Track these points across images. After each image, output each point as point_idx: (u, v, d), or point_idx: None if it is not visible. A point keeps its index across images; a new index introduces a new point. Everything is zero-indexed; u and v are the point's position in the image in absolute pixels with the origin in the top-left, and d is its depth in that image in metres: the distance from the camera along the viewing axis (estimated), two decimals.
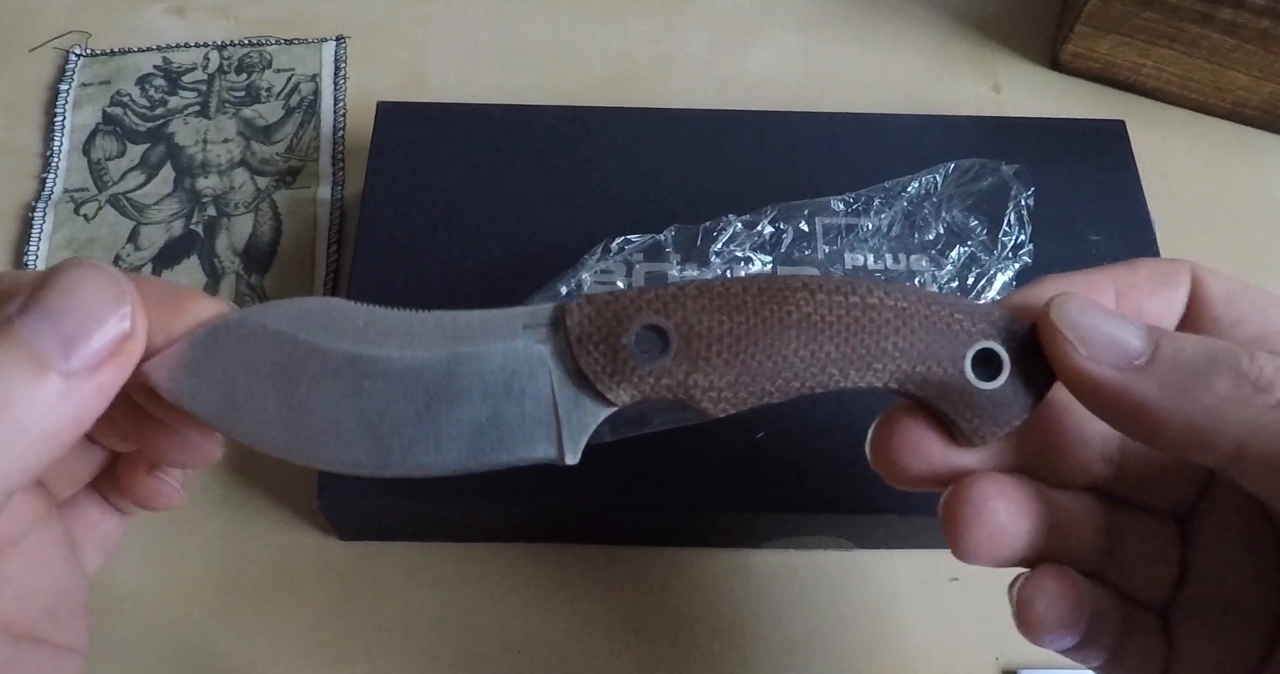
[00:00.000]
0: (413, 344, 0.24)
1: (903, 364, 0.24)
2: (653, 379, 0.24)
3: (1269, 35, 0.49)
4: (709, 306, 0.24)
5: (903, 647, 0.41)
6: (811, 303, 0.24)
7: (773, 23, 0.57)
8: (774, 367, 0.24)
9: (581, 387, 0.24)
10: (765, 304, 0.24)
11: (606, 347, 0.24)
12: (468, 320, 0.24)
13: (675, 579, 0.42)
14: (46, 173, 0.50)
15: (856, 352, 0.24)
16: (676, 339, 0.24)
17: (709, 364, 0.24)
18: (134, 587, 0.41)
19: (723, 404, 0.25)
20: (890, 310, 0.24)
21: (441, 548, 0.42)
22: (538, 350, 0.24)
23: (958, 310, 0.25)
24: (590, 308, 0.24)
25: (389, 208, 0.44)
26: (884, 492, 0.39)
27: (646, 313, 0.24)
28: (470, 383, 0.24)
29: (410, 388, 0.24)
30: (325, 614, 0.41)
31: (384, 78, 0.54)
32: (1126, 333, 0.23)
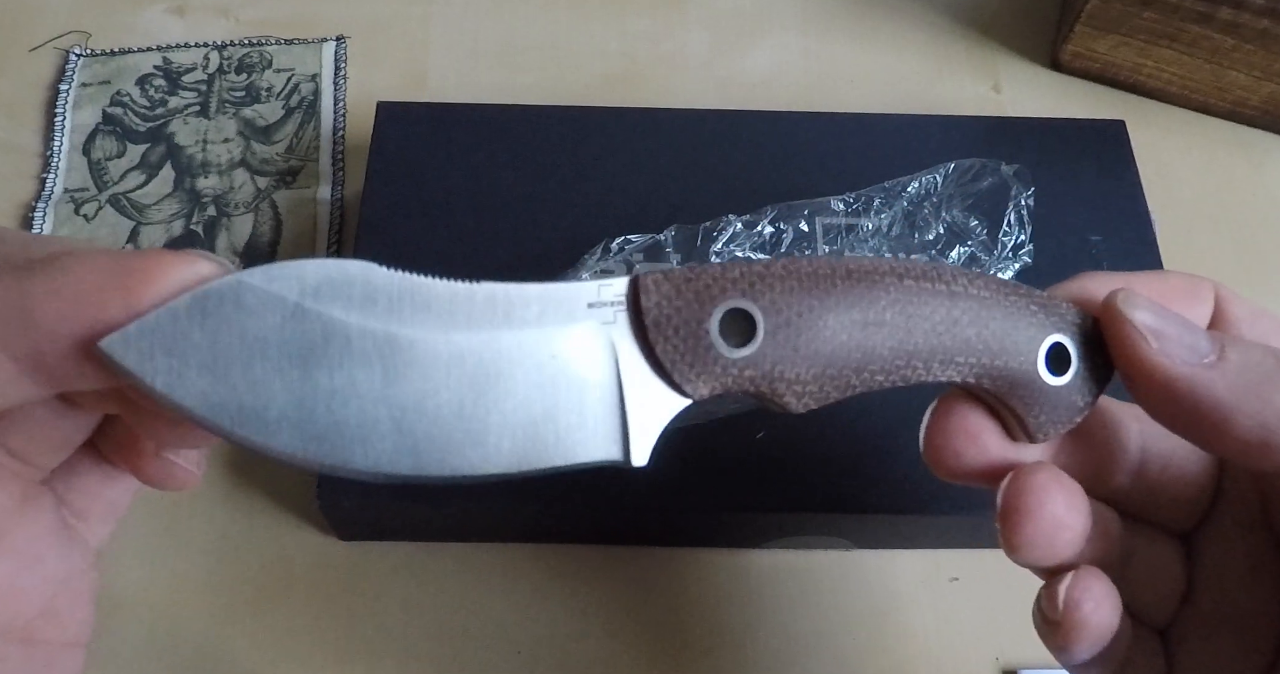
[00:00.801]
0: (457, 323, 0.20)
1: (984, 358, 0.23)
2: (736, 370, 0.21)
3: (1269, 35, 0.49)
4: (799, 287, 0.21)
5: (903, 647, 0.41)
6: (900, 289, 0.22)
7: (773, 23, 0.57)
8: (862, 359, 0.22)
9: (654, 376, 0.21)
10: (855, 288, 0.22)
11: (687, 331, 0.21)
12: (522, 296, 0.21)
13: (675, 579, 0.42)
14: (46, 173, 0.50)
15: (944, 344, 0.22)
16: (766, 324, 0.21)
17: (797, 354, 0.21)
18: (134, 587, 0.41)
19: (806, 399, 0.22)
20: (975, 300, 0.22)
21: (441, 548, 0.42)
22: (604, 334, 0.21)
23: (1033, 301, 0.23)
24: (669, 285, 0.21)
25: (389, 208, 0.44)
26: (884, 492, 0.39)
27: (732, 293, 0.21)
28: (523, 371, 0.20)
29: (452, 376, 0.20)
30: (325, 614, 0.41)
31: (384, 78, 0.54)
32: (1195, 329, 0.23)
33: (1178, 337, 0.23)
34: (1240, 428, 0.22)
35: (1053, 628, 0.24)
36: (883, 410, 0.40)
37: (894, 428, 0.40)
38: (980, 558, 0.43)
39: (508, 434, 0.20)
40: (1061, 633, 0.24)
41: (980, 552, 0.43)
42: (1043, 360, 0.23)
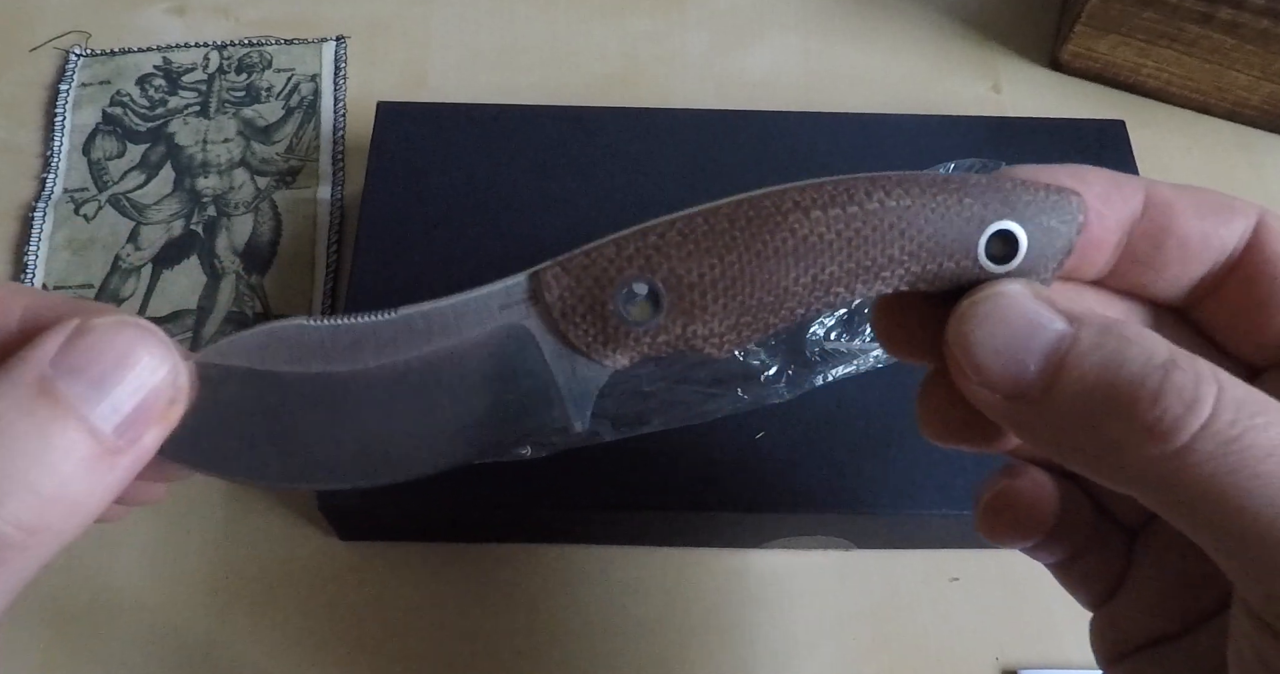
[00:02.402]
0: (387, 351, 0.22)
1: (912, 267, 0.22)
2: (649, 339, 0.22)
3: (1269, 35, 0.49)
4: (696, 251, 0.22)
5: (903, 647, 0.41)
6: (807, 223, 0.22)
7: (773, 23, 0.57)
8: (775, 300, 0.22)
9: (575, 356, 0.23)
10: (756, 235, 0.22)
11: (593, 316, 0.22)
12: (439, 312, 0.23)
13: (675, 579, 0.42)
14: (46, 173, 0.50)
15: (862, 265, 0.22)
16: (668, 295, 0.22)
17: (705, 312, 0.22)
18: (134, 587, 0.41)
19: (726, 346, 0.23)
20: (893, 213, 0.22)
21: (441, 548, 0.42)
22: (520, 329, 0.23)
23: (966, 193, 0.22)
24: (568, 277, 0.22)
25: (389, 208, 0.44)
26: (884, 491, 0.39)
27: (629, 271, 0.22)
28: (459, 376, 0.22)
29: (398, 395, 0.22)
30: (325, 614, 0.41)
31: (384, 78, 0.54)
32: (1027, 354, 0.21)
33: (1001, 367, 0.21)
34: (1068, 464, 0.21)
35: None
36: (883, 410, 0.40)
37: (894, 427, 0.40)
38: (980, 558, 0.43)
39: (460, 430, 0.22)
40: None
41: (980, 552, 0.43)
42: (983, 253, 0.22)
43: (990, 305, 0.22)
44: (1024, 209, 0.22)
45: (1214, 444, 0.19)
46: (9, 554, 0.19)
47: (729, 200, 0.23)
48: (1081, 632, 0.41)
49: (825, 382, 0.40)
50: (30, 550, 0.19)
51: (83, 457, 0.19)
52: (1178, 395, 0.19)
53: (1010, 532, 0.25)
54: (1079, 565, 0.26)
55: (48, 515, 0.19)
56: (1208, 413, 0.19)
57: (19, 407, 0.19)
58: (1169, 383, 0.19)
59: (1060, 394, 0.20)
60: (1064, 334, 0.21)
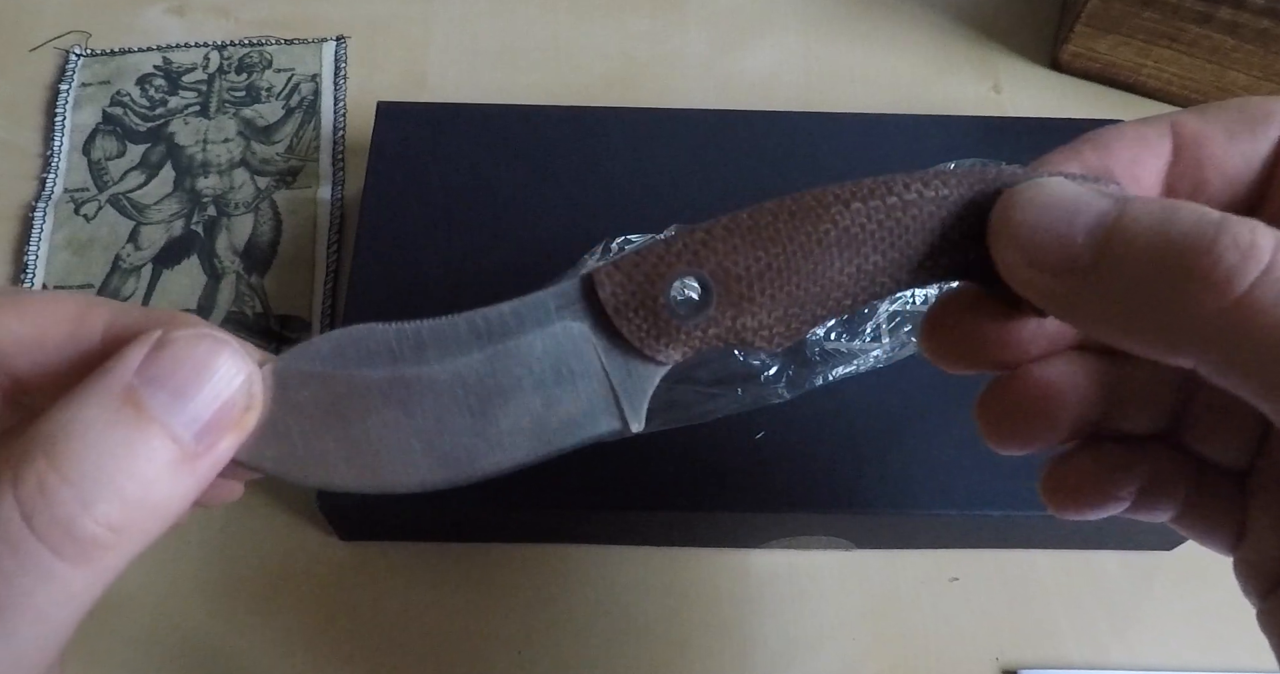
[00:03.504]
0: (451, 352, 0.23)
1: (954, 254, 0.23)
2: (700, 332, 0.23)
3: (1269, 35, 0.49)
4: (742, 244, 0.23)
5: (903, 647, 0.41)
6: (848, 215, 0.23)
7: (773, 23, 0.57)
8: (821, 291, 0.23)
9: (630, 354, 0.23)
10: (800, 228, 0.23)
11: (645, 311, 0.23)
12: (499, 314, 0.24)
13: (675, 579, 0.42)
14: (46, 173, 0.50)
15: (905, 255, 0.23)
16: (716, 287, 0.23)
17: (754, 304, 0.23)
18: (134, 587, 0.41)
19: (777, 339, 0.23)
20: (932, 203, 0.23)
21: (441, 548, 0.42)
22: (576, 328, 0.23)
23: (1002, 182, 0.23)
24: (620, 274, 0.23)
25: (389, 208, 0.44)
26: (884, 491, 0.39)
27: (679, 266, 0.23)
28: (518, 377, 0.23)
29: (460, 396, 0.23)
30: (325, 614, 0.41)
31: (384, 78, 0.54)
32: (1073, 226, 0.20)
33: (1048, 242, 0.21)
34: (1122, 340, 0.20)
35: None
36: (883, 409, 0.40)
37: (894, 428, 0.40)
38: (980, 558, 0.43)
39: (519, 431, 0.23)
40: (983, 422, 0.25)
41: (980, 552, 0.43)
42: None
43: (1033, 189, 0.21)
44: None
45: (1276, 290, 0.18)
46: (98, 553, 0.20)
47: (777, 200, 0.23)
48: (1082, 632, 0.42)
49: (825, 382, 0.40)
50: (117, 549, 0.20)
51: (165, 462, 0.20)
52: (1233, 243, 0.18)
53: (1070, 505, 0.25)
54: (1195, 518, 0.25)
55: (133, 516, 0.20)
56: (1267, 259, 0.18)
57: (107, 416, 0.20)
58: (1223, 233, 0.18)
59: (1110, 261, 0.20)
60: (1111, 205, 0.20)
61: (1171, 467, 0.25)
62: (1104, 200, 0.20)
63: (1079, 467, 0.25)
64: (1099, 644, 0.41)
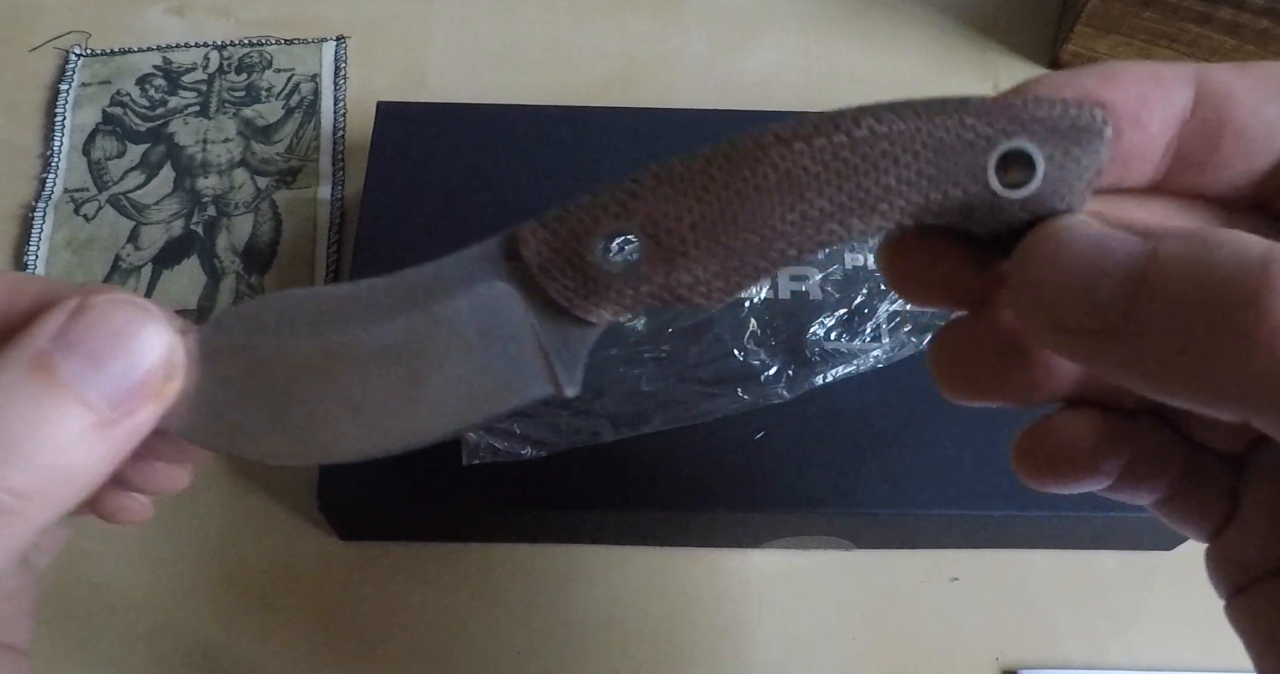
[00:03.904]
0: (374, 318, 0.22)
1: (913, 197, 0.21)
2: (632, 290, 0.22)
3: (1269, 35, 0.49)
4: (672, 194, 0.21)
5: (903, 647, 0.41)
6: (790, 156, 0.21)
7: (773, 23, 0.57)
8: (762, 241, 0.21)
9: (560, 315, 0.22)
10: (736, 173, 0.21)
11: (572, 270, 0.22)
12: (421, 277, 0.23)
13: (675, 579, 0.42)
14: (46, 173, 0.50)
15: (855, 198, 0.21)
16: (646, 242, 0.21)
17: (688, 258, 0.21)
18: (134, 587, 0.41)
19: (716, 294, 0.22)
20: (885, 139, 0.21)
21: (441, 548, 0.42)
22: (503, 289, 0.22)
23: (967, 114, 0.21)
24: (544, 231, 0.22)
25: (389, 208, 0.44)
26: (884, 491, 0.39)
27: (605, 221, 0.22)
28: (445, 342, 0.22)
29: (385, 362, 0.22)
30: (325, 614, 0.41)
31: (384, 78, 0.54)
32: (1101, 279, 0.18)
33: (1074, 296, 0.19)
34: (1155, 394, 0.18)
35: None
36: (883, 410, 0.40)
37: (894, 428, 0.40)
38: (980, 558, 0.43)
39: (450, 398, 0.22)
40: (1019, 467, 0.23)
41: (980, 552, 0.43)
42: (994, 177, 0.21)
43: (1051, 241, 0.19)
44: (1037, 126, 0.21)
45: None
46: (2, 518, 0.19)
47: (712, 144, 0.22)
48: (1082, 631, 0.42)
49: (825, 382, 0.40)
50: (23, 515, 0.20)
51: (77, 429, 0.20)
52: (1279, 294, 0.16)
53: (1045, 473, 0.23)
54: (1181, 501, 0.23)
55: (40, 482, 0.20)
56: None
57: (17, 381, 0.20)
58: (1268, 282, 0.16)
59: (1143, 316, 0.18)
60: (1139, 250, 0.18)
61: (1162, 445, 0.23)
62: (1130, 244, 0.18)
63: (1062, 431, 0.23)
64: (1099, 644, 0.41)
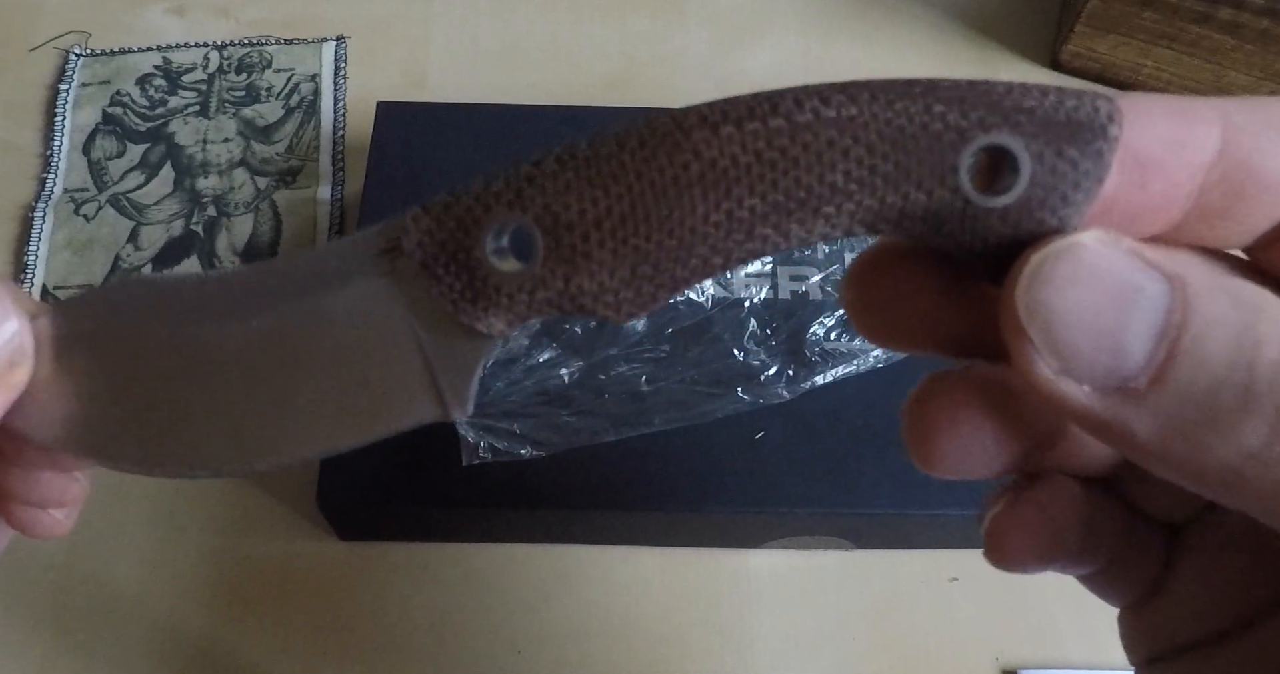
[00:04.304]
0: (241, 310, 0.19)
1: (865, 199, 0.17)
2: (526, 296, 0.18)
3: (1269, 35, 0.49)
4: (576, 181, 0.17)
5: (903, 647, 0.41)
6: (716, 142, 0.17)
7: (773, 23, 0.57)
8: (679, 244, 0.17)
9: (447, 322, 0.18)
10: (652, 160, 0.17)
11: (459, 267, 0.18)
12: (295, 266, 0.19)
13: (675, 579, 0.42)
14: (46, 173, 0.50)
15: (793, 197, 0.17)
16: (544, 238, 0.18)
17: (592, 260, 0.17)
18: (134, 587, 0.41)
19: (625, 307, 0.18)
20: (833, 126, 0.17)
21: (441, 548, 0.42)
22: (379, 287, 0.18)
23: (937, 100, 0.17)
24: (428, 219, 0.18)
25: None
26: (884, 491, 0.39)
27: (498, 210, 0.18)
28: (315, 345, 0.19)
29: (251, 365, 0.19)
30: (325, 614, 0.41)
31: (384, 78, 0.54)
32: (1127, 331, 0.16)
33: (1090, 350, 0.16)
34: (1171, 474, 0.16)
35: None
36: (883, 409, 0.40)
37: (894, 427, 0.40)
38: (980, 558, 0.42)
39: (325, 412, 0.19)
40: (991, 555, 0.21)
41: (980, 552, 0.43)
42: (966, 178, 0.17)
43: (1071, 264, 0.16)
44: (1022, 118, 0.17)
45: None
46: None
47: (627, 124, 0.18)
48: (1082, 631, 0.41)
49: (825, 382, 0.40)
50: None
51: None
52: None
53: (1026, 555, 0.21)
54: (1110, 572, 0.22)
55: None
56: None
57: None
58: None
59: (1175, 385, 0.15)
60: (1171, 302, 0.16)
61: (1106, 514, 0.21)
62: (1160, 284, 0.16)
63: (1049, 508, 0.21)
64: (1099, 644, 0.41)
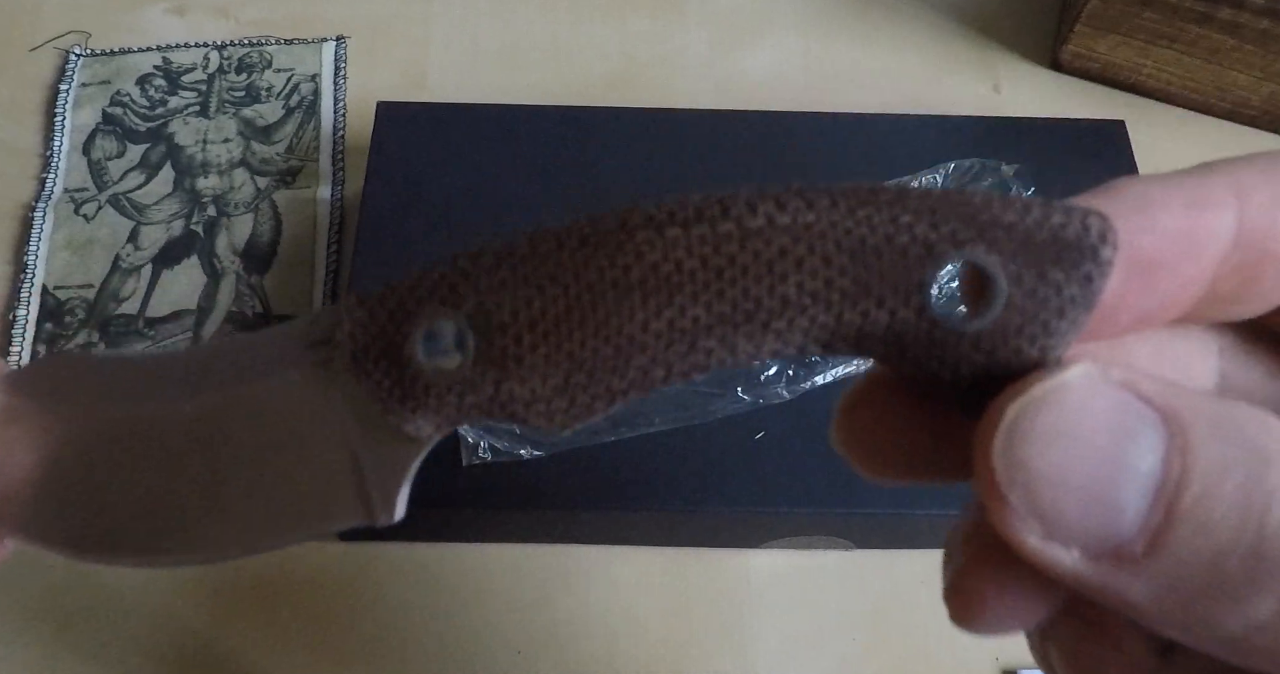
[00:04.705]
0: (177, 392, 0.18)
1: (818, 315, 0.16)
2: (455, 398, 0.17)
3: (1269, 35, 0.49)
4: (512, 279, 0.17)
5: (903, 647, 0.41)
6: (660, 245, 0.16)
7: (773, 23, 0.57)
8: (616, 352, 0.16)
9: (376, 421, 0.17)
10: (591, 260, 0.16)
11: (388, 362, 0.17)
12: (234, 348, 0.18)
13: (675, 579, 0.42)
14: (46, 173, 0.50)
15: (741, 309, 0.16)
16: (475, 338, 0.17)
17: (523, 365, 0.17)
18: (134, 587, 0.41)
19: (559, 417, 0.17)
20: (786, 233, 0.16)
21: (441, 548, 0.42)
22: (316, 378, 0.18)
23: (904, 210, 0.16)
24: (362, 310, 0.17)
25: (389, 208, 0.44)
26: (884, 491, 0.39)
27: (431, 304, 0.17)
28: (246, 433, 0.18)
29: (179, 449, 0.18)
30: (325, 614, 0.41)
31: (384, 78, 0.54)
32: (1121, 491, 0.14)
33: (1078, 514, 0.14)
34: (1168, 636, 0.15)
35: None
36: None
37: None
38: None
39: (256, 508, 0.18)
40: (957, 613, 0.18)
41: None
42: (933, 297, 0.16)
43: (1054, 415, 0.14)
44: (1000, 234, 0.16)
45: None
46: None
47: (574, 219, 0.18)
48: None
49: (825, 382, 0.40)
50: None
51: None
52: None
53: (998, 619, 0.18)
54: None
55: None
56: None
57: None
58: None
59: (1174, 552, 0.14)
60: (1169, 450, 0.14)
61: None
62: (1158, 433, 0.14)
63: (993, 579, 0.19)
64: None
